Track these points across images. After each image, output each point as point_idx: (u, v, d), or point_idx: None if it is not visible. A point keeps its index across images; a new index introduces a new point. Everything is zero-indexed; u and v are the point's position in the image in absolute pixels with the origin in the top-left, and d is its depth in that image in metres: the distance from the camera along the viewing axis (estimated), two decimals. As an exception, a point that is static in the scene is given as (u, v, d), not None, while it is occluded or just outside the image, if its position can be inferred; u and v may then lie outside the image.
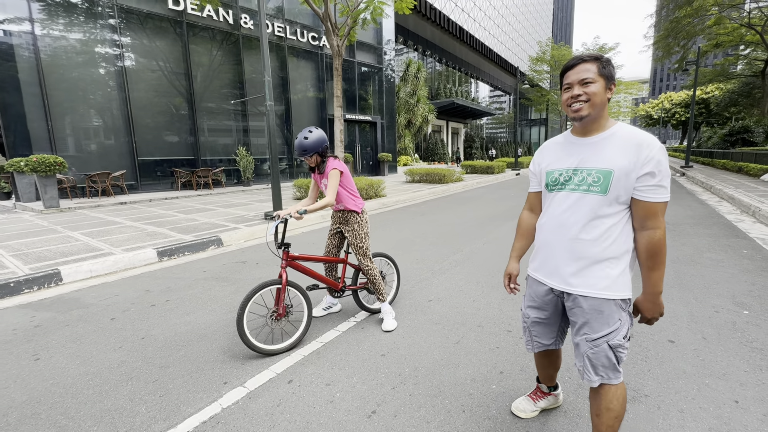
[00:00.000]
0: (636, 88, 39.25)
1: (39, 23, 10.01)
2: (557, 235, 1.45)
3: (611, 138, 1.33)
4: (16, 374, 2.36)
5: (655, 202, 1.27)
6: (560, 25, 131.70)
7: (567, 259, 1.43)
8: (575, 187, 1.39)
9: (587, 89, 1.31)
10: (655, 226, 1.29)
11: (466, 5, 33.31)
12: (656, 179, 1.25)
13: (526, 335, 1.71)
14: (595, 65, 1.31)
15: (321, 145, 2.73)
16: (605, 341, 1.37)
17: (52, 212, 8.59)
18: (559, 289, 1.47)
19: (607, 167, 1.31)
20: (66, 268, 4.26)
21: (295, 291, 2.66)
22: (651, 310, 1.37)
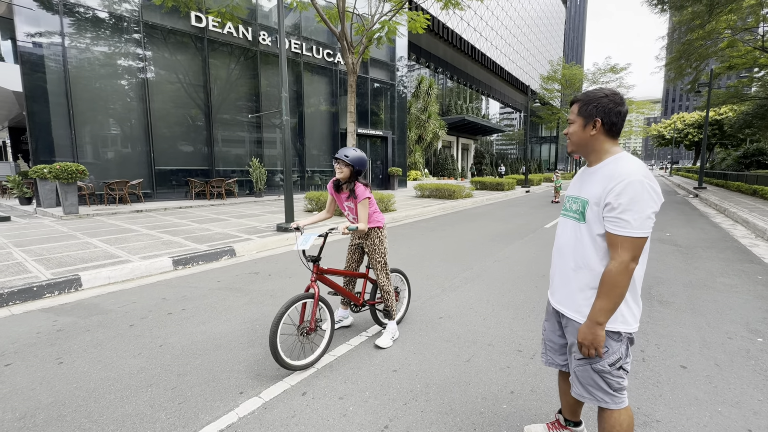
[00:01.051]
0: (648, 108, 39.21)
1: (69, 36, 10.50)
2: (557, 258, 1.58)
3: (602, 169, 1.41)
4: (41, 377, 2.45)
5: (613, 234, 1.30)
6: (572, 45, 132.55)
7: (561, 282, 1.54)
8: (568, 214, 1.51)
9: (568, 129, 1.47)
10: (614, 257, 1.31)
11: (478, 25, 33.91)
12: (615, 212, 1.27)
13: (543, 346, 1.78)
14: (576, 106, 1.44)
15: (360, 164, 2.77)
16: (587, 363, 1.44)
17: (72, 218, 8.85)
18: (556, 309, 1.59)
19: (584, 196, 1.42)
20: (86, 274, 4.40)
21: (322, 305, 2.67)
22: (583, 333, 1.37)
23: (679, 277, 4.73)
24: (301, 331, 2.57)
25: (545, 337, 1.75)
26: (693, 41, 21.74)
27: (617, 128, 1.40)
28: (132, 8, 11.58)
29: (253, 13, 14.44)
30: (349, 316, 3.28)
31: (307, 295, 2.54)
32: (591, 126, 1.40)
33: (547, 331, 1.74)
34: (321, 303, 2.64)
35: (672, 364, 2.63)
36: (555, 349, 1.71)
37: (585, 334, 1.37)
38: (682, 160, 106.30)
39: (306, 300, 2.55)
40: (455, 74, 35.84)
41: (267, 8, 15.03)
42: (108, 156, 11.55)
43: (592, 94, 1.41)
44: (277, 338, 2.32)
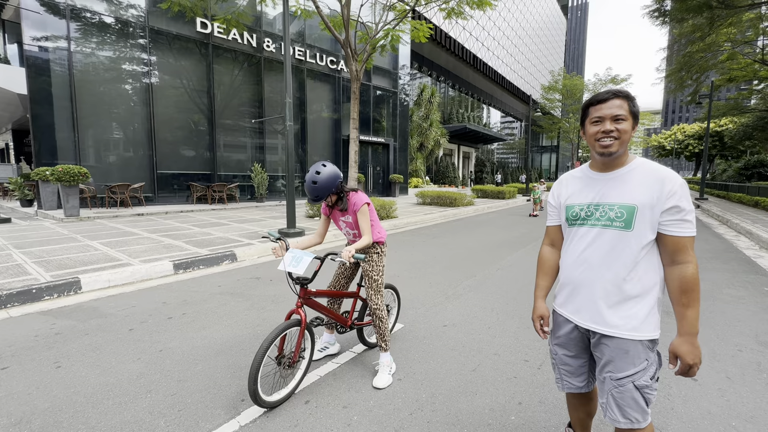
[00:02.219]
0: (648, 119, 39.47)
1: (74, 41, 10.58)
2: (581, 271, 1.42)
3: (632, 173, 1.33)
4: (38, 381, 2.40)
5: (682, 236, 1.25)
6: (572, 56, 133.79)
7: (592, 297, 1.39)
8: (596, 223, 1.37)
9: (619, 126, 1.31)
10: (686, 260, 1.26)
11: (480, 35, 34.24)
12: (681, 214, 1.24)
13: (557, 372, 1.64)
14: (626, 103, 1.32)
15: (335, 182, 2.33)
16: (630, 381, 1.33)
17: (73, 221, 8.81)
18: (585, 327, 1.43)
19: (629, 202, 1.31)
20: (85, 277, 4.36)
21: (306, 332, 2.35)
22: (691, 353, 1.25)
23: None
24: (282, 364, 2.24)
25: (558, 361, 1.59)
26: (693, 53, 21.92)
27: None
28: (138, 14, 11.68)
29: (258, 20, 14.57)
30: (335, 342, 2.88)
31: (292, 323, 2.19)
32: (634, 128, 1.34)
33: (559, 354, 1.58)
34: (306, 331, 2.32)
35: (682, 377, 2.57)
36: (572, 372, 1.57)
37: (692, 352, 1.25)
38: (682, 171, 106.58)
39: (291, 329, 2.22)
40: (457, 83, 36.08)
41: (272, 15, 15.18)
42: (110, 159, 11.55)
43: (630, 93, 1.35)
44: (258, 382, 2.02)
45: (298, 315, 2.24)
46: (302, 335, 2.25)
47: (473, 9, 10.78)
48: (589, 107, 1.38)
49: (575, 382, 1.58)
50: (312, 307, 2.41)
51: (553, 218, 1.59)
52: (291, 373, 2.34)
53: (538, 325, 1.61)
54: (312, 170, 2.29)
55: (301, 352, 2.34)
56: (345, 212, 2.52)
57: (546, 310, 1.60)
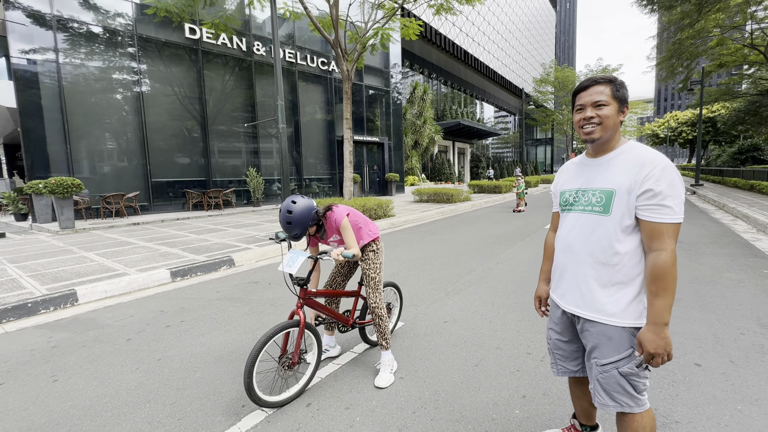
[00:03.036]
0: (641, 108, 39.59)
1: (63, 52, 10.49)
2: (566, 256, 1.44)
3: (618, 157, 1.32)
4: (35, 396, 2.36)
5: (657, 222, 1.21)
6: (563, 48, 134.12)
7: (575, 282, 1.41)
8: (582, 208, 1.38)
9: (600, 111, 1.30)
10: (660, 247, 1.22)
11: (470, 30, 34.23)
12: (657, 198, 1.20)
13: (551, 357, 1.66)
14: (608, 88, 1.31)
15: (310, 214, 2.24)
16: (614, 368, 1.33)
17: (68, 233, 8.75)
18: (569, 312, 1.45)
19: (608, 186, 1.30)
20: (82, 289, 4.31)
21: (309, 332, 2.36)
22: (653, 342, 1.21)
23: (684, 273, 4.67)
24: (282, 364, 2.24)
25: (552, 345, 1.62)
26: (683, 40, 21.99)
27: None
28: (126, 22, 11.60)
29: (247, 24, 14.50)
30: (336, 345, 2.85)
31: (291, 323, 2.21)
32: (622, 112, 1.32)
33: (553, 339, 1.61)
34: (308, 330, 2.33)
35: (686, 362, 2.57)
36: (566, 356, 1.59)
37: (656, 342, 1.21)
38: (676, 158, 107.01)
39: (290, 329, 2.23)
40: (449, 79, 36.06)
41: (260, 19, 15.11)
42: (104, 170, 11.47)
43: (618, 79, 1.33)
44: (254, 376, 2.02)
45: (298, 316, 2.24)
46: (301, 336, 2.25)
47: (462, 4, 10.76)
48: (575, 96, 1.39)
49: (569, 366, 1.59)
50: (313, 308, 2.42)
51: (555, 205, 1.61)
52: (293, 374, 2.32)
53: (537, 304, 1.71)
54: (284, 209, 2.20)
55: (302, 354, 2.32)
56: (327, 235, 2.48)
57: (544, 291, 1.69)
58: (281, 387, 2.30)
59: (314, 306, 2.43)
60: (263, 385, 2.29)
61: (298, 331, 2.24)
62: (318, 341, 2.39)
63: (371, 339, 2.94)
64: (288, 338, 2.28)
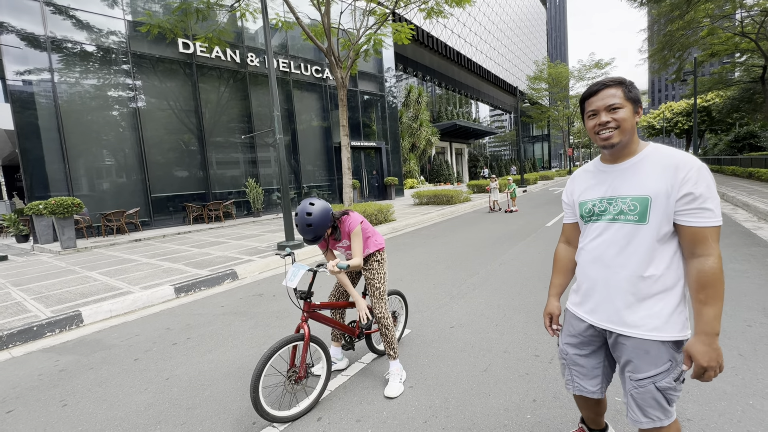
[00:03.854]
0: (635, 100, 39.61)
1: (58, 72, 10.54)
2: (597, 269, 1.35)
3: (644, 161, 1.25)
4: (45, 422, 2.36)
5: (700, 227, 1.15)
6: (555, 44, 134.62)
7: (609, 296, 1.32)
8: (612, 218, 1.30)
9: (616, 115, 1.24)
10: (706, 253, 1.15)
11: (462, 31, 34.41)
12: (698, 201, 1.14)
13: (567, 374, 1.55)
14: (620, 90, 1.25)
15: (328, 216, 2.29)
16: (651, 382, 1.25)
17: (70, 253, 8.75)
18: (601, 327, 1.37)
19: (642, 193, 1.23)
20: (86, 309, 4.31)
21: (316, 346, 2.34)
22: (705, 354, 1.14)
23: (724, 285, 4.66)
24: (289, 378, 2.24)
25: (570, 361, 1.51)
26: (674, 32, 22.09)
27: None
28: (119, 40, 11.67)
29: (240, 36, 14.58)
30: (343, 357, 2.83)
31: (296, 337, 2.21)
32: (637, 113, 1.26)
33: (570, 354, 1.50)
34: (314, 344, 2.32)
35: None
36: (585, 374, 1.49)
37: (708, 354, 1.13)
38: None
39: (296, 343, 2.23)
40: (443, 81, 36.21)
41: (253, 30, 15.20)
42: (103, 187, 11.50)
43: (625, 79, 1.28)
44: (260, 391, 2.03)
45: (303, 330, 2.24)
46: (306, 349, 2.24)
47: (452, 7, 10.82)
48: (584, 102, 1.34)
49: (588, 386, 1.50)
50: (318, 320, 2.42)
51: (569, 216, 1.55)
52: (302, 388, 2.31)
53: (547, 322, 1.60)
54: (302, 212, 2.21)
55: (309, 367, 2.33)
56: (339, 240, 2.52)
57: (556, 308, 1.58)
58: (290, 402, 2.30)
59: (319, 319, 2.42)
60: (271, 400, 2.29)
61: (303, 345, 2.23)
62: (326, 354, 2.37)
63: (378, 348, 2.93)
64: (295, 352, 2.27)
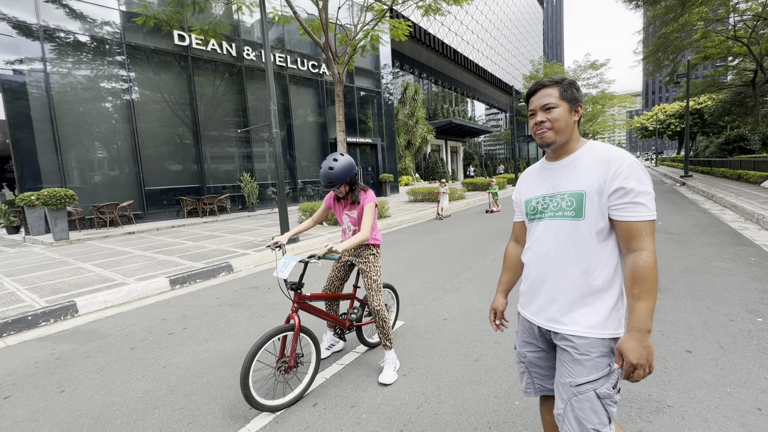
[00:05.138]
0: (629, 102, 40.07)
1: (50, 62, 10.41)
2: (541, 268, 1.32)
3: (581, 158, 1.26)
4: (43, 407, 2.39)
5: (633, 221, 1.14)
6: (551, 44, 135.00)
7: (552, 295, 1.29)
8: (552, 215, 1.29)
9: (549, 115, 1.25)
10: (639, 247, 1.14)
11: (459, 29, 34.45)
12: (630, 195, 1.14)
13: (525, 378, 1.49)
14: (556, 89, 1.26)
15: (350, 173, 2.47)
16: (591, 388, 1.20)
17: (63, 244, 8.69)
18: (545, 328, 1.33)
19: (577, 189, 1.22)
20: (81, 300, 4.31)
21: (305, 336, 2.38)
22: (635, 351, 1.10)
23: (674, 263, 4.79)
24: (278, 367, 2.29)
25: (528, 363, 1.45)
26: (668, 34, 22.34)
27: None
28: (114, 30, 11.54)
29: (236, 29, 14.49)
30: (339, 341, 2.96)
31: (286, 328, 2.25)
32: (575, 111, 1.27)
33: (529, 357, 1.44)
34: (304, 334, 2.35)
35: (678, 349, 2.66)
36: (545, 375, 1.43)
37: (638, 351, 1.10)
38: (666, 150, 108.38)
39: (285, 333, 2.27)
40: (440, 79, 36.25)
41: (249, 23, 15.10)
42: (96, 179, 11.40)
43: (566, 79, 1.28)
44: (249, 379, 2.08)
45: (293, 320, 2.28)
46: (296, 340, 2.28)
47: (450, 5, 10.85)
48: (527, 101, 1.35)
49: (548, 385, 1.45)
50: (308, 312, 2.43)
51: (517, 214, 1.54)
52: (292, 377, 2.35)
53: (492, 317, 1.59)
54: (329, 158, 2.44)
55: (299, 358, 2.36)
56: (353, 206, 2.61)
57: (500, 304, 1.58)
58: (282, 391, 2.35)
59: (309, 310, 2.44)
60: (263, 390, 2.32)
61: (293, 335, 2.27)
62: (315, 344, 2.41)
63: (369, 341, 2.97)
64: (285, 342, 2.32)
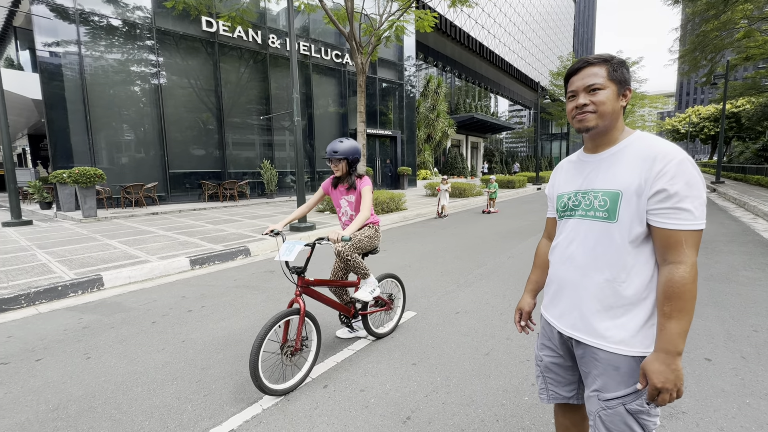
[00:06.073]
0: (661, 102, 38.47)
1: (84, 45, 10.77)
2: (565, 270, 1.22)
3: (623, 151, 1.10)
4: (71, 371, 2.53)
5: (673, 230, 0.99)
6: (581, 40, 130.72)
7: (575, 301, 1.18)
8: (584, 214, 1.16)
9: (594, 98, 1.09)
10: (677, 260, 1.00)
11: (486, 22, 33.72)
12: (672, 200, 0.99)
13: (540, 382, 1.40)
14: (604, 68, 1.09)
15: (353, 153, 2.63)
16: (620, 404, 1.09)
17: (91, 221, 9.07)
18: (567, 335, 1.22)
19: (613, 187, 1.08)
20: (107, 274, 4.51)
21: (308, 320, 2.40)
22: (661, 374, 0.99)
23: (700, 271, 4.63)
24: (285, 352, 2.32)
25: (544, 368, 1.37)
26: (708, 32, 21.28)
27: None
28: (144, 15, 11.81)
29: (263, 17, 14.60)
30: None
31: (291, 312, 2.28)
32: (623, 96, 1.10)
33: (546, 362, 1.35)
34: (307, 319, 2.38)
35: (696, 357, 2.59)
36: (560, 381, 1.34)
37: (664, 374, 0.98)
38: (697, 154, 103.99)
39: (290, 317, 2.30)
40: (464, 72, 35.68)
41: (275, 11, 15.19)
42: (123, 160, 11.80)
43: (616, 57, 1.11)
44: (259, 363, 2.09)
45: (298, 304, 2.31)
46: (302, 323, 2.32)
47: (478, -4, 10.62)
48: (566, 82, 1.18)
49: (562, 392, 1.35)
50: (311, 297, 2.49)
51: (550, 209, 1.42)
52: (296, 361, 2.40)
53: (517, 317, 1.50)
54: (336, 139, 2.65)
55: (303, 341, 2.38)
56: (350, 191, 2.71)
57: (527, 304, 1.50)
58: (285, 375, 2.37)
59: (313, 295, 2.49)
60: (267, 374, 2.33)
61: (298, 319, 2.31)
62: (317, 328, 2.44)
63: (376, 331, 2.94)
64: (288, 326, 2.35)
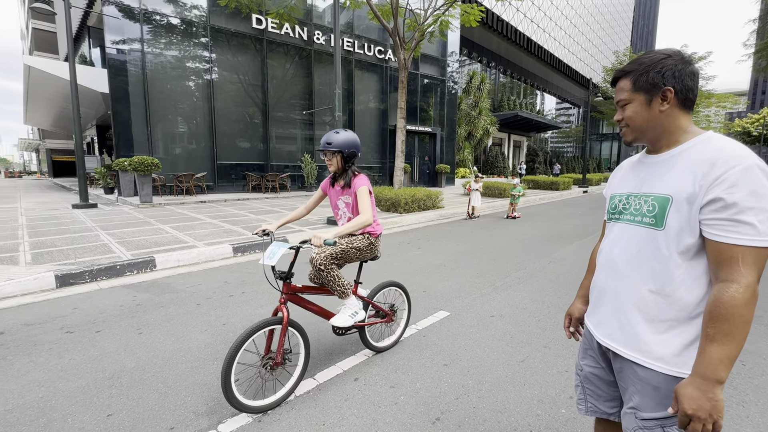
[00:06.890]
0: (731, 101, 35.07)
1: (146, 42, 11.57)
2: (606, 276, 1.15)
3: (683, 154, 1.01)
4: (125, 344, 2.75)
5: (728, 244, 0.89)
6: (640, 33, 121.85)
7: (615, 310, 1.11)
8: (631, 218, 1.09)
9: (624, 113, 1.08)
10: (729, 278, 0.89)
11: (536, 16, 32.33)
12: (729, 210, 0.88)
13: (579, 393, 1.33)
14: (628, 80, 1.05)
15: (349, 147, 2.33)
16: (659, 425, 1.01)
17: (146, 207, 9.77)
18: (604, 345, 1.15)
19: (664, 192, 1.00)
20: (159, 257, 4.84)
21: (294, 330, 2.17)
22: (694, 400, 0.89)
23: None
24: (264, 365, 2.08)
25: (583, 378, 1.29)
26: (791, 24, 19.08)
27: (693, 95, 1.01)
28: (200, 13, 12.48)
29: (309, 14, 14.93)
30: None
31: (273, 321, 2.05)
32: (659, 99, 1.02)
33: (586, 371, 1.27)
34: (293, 328, 2.15)
35: (761, 384, 2.35)
36: (600, 395, 1.25)
37: (698, 401, 0.88)
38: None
39: (273, 327, 2.06)
40: (509, 68, 34.49)
41: (321, 8, 15.47)
42: (177, 151, 12.59)
43: (648, 59, 1.03)
44: (231, 376, 1.88)
45: (281, 313, 2.08)
46: (284, 334, 2.08)
47: (528, -12, 10.20)
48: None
49: (603, 407, 1.26)
50: (298, 304, 2.27)
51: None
52: (279, 376, 2.20)
53: (566, 322, 1.44)
54: (330, 134, 2.34)
55: (286, 353, 2.12)
56: (345, 190, 2.41)
57: (576, 309, 1.42)
58: (265, 390, 2.16)
59: (300, 303, 2.27)
60: (244, 387, 2.17)
61: (281, 329, 2.07)
62: (305, 340, 2.21)
63: (375, 345, 2.67)
64: (272, 337, 2.12)
